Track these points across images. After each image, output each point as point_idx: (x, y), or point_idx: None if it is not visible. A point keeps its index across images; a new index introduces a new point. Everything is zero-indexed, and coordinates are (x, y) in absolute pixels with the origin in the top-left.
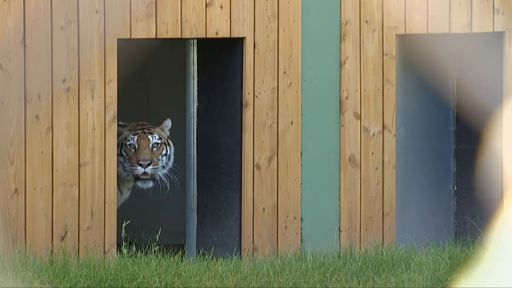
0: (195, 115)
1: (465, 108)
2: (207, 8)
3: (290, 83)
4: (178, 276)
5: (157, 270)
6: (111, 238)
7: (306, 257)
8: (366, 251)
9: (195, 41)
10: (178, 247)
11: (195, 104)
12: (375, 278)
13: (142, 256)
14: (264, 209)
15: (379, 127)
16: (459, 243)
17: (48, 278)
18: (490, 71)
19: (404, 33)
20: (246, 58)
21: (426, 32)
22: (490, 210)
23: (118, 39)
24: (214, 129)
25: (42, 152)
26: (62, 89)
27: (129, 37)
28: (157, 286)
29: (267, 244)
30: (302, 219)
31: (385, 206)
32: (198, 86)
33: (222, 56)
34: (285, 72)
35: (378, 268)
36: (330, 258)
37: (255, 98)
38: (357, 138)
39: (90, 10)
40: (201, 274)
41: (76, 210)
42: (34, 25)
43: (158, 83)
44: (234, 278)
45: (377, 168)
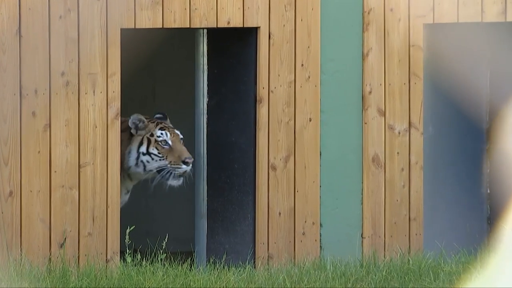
0: (205, 112)
1: (499, 103)
2: None
3: (308, 77)
4: (186, 286)
5: (163, 280)
6: (114, 245)
7: (325, 266)
8: (391, 260)
9: (205, 31)
10: (186, 255)
11: (205, 99)
12: None
13: (148, 264)
14: (280, 213)
15: (405, 125)
16: (492, 251)
17: None
18: None
19: (432, 22)
20: (261, 49)
21: (456, 21)
22: None
23: (121, 29)
24: (225, 126)
25: (39, 151)
26: (61, 83)
27: (133, 27)
28: None
29: (283, 251)
30: (321, 225)
31: (411, 211)
32: (208, 80)
33: (234, 47)
34: (302, 64)
35: (404, 278)
36: (352, 267)
37: (270, 93)
38: (381, 136)
39: None
40: (211, 284)
41: (76, 215)
42: (30, 13)
43: (165, 77)
44: None
45: (403, 169)
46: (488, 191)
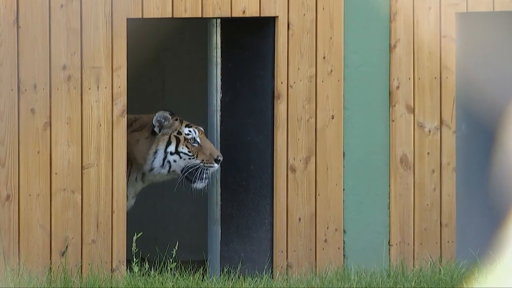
0: (219, 109)
1: None
2: None
3: (331, 71)
4: None
5: None
6: (120, 253)
7: (349, 276)
8: (421, 269)
9: (219, 21)
10: (198, 264)
11: (219, 95)
12: None
13: (156, 274)
14: (300, 219)
15: (436, 123)
16: None
17: None
18: None
19: (465, 11)
20: (279, 41)
21: (492, 9)
22: None
23: (127, 19)
24: (240, 125)
25: (39, 152)
26: (62, 78)
27: (140, 16)
28: None
29: (304, 260)
30: (345, 231)
31: (443, 216)
32: (222, 75)
33: (250, 39)
34: (324, 57)
35: None
36: (378, 277)
37: (289, 88)
38: (410, 135)
39: None
40: None
41: (78, 221)
42: (28, 2)
43: (175, 72)
44: None
45: (433, 170)
46: None
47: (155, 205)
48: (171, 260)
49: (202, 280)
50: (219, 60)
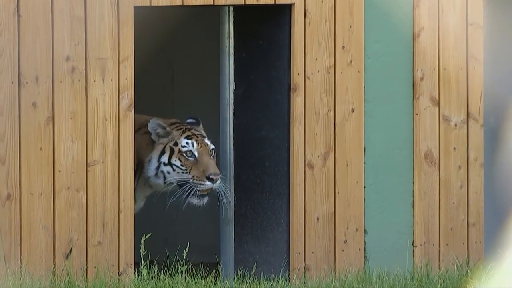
0: (232, 102)
1: None
2: None
3: (351, 61)
4: None
5: None
6: (128, 255)
7: (371, 278)
8: (447, 272)
9: (231, 8)
10: (211, 267)
11: (232, 87)
12: None
13: (166, 278)
14: (318, 218)
15: (463, 116)
16: None
17: None
18: None
19: None
20: (295, 29)
21: None
22: None
23: (134, 7)
24: (255, 119)
25: (41, 148)
26: (66, 69)
27: (148, 4)
28: None
29: (322, 262)
30: (366, 232)
31: (470, 215)
32: (235, 66)
33: (265, 27)
34: (343, 47)
35: None
36: (402, 280)
37: (307, 80)
38: (435, 129)
39: None
40: None
41: (83, 221)
42: None
43: (185, 63)
44: None
45: (460, 167)
46: None
47: (164, 205)
48: (182, 262)
49: (215, 283)
50: (232, 50)
